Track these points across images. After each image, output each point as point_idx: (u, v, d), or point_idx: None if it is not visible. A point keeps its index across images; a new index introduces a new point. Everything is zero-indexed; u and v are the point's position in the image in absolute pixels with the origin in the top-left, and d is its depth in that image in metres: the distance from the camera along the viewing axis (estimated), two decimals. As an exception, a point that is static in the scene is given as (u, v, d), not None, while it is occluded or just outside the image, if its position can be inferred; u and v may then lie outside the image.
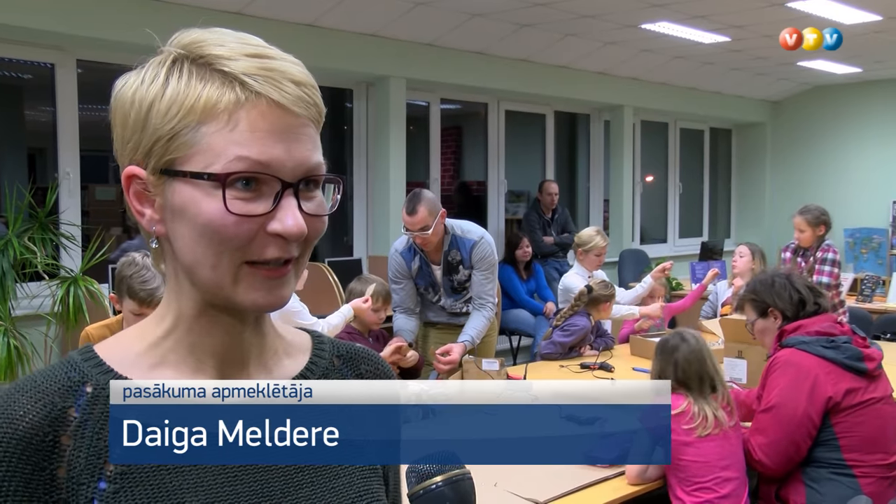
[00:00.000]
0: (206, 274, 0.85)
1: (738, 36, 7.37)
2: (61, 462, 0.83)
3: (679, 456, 2.69)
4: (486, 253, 4.17)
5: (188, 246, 0.84)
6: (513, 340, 7.55)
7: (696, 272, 7.89)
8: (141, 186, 0.86)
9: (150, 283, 2.96)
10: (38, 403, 0.84)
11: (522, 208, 8.54)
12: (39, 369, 0.89)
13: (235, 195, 0.82)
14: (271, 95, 0.82)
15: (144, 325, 0.94)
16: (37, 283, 4.87)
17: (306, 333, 1.03)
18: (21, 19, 4.76)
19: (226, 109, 0.82)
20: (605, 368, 4.40)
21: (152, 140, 0.84)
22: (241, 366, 0.93)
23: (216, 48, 0.85)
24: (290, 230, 0.83)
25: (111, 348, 0.92)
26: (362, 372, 1.03)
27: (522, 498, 2.55)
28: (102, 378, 0.87)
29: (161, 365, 0.90)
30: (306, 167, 0.85)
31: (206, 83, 0.83)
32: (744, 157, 11.11)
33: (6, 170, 5.58)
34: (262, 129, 0.82)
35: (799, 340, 2.89)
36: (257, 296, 0.85)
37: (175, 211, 0.84)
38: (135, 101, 0.85)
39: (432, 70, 6.94)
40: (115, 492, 0.84)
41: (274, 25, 5.63)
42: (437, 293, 4.29)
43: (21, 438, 0.82)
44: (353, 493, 0.94)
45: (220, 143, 0.82)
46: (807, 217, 5.46)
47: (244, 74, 0.83)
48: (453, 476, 0.89)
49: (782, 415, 2.79)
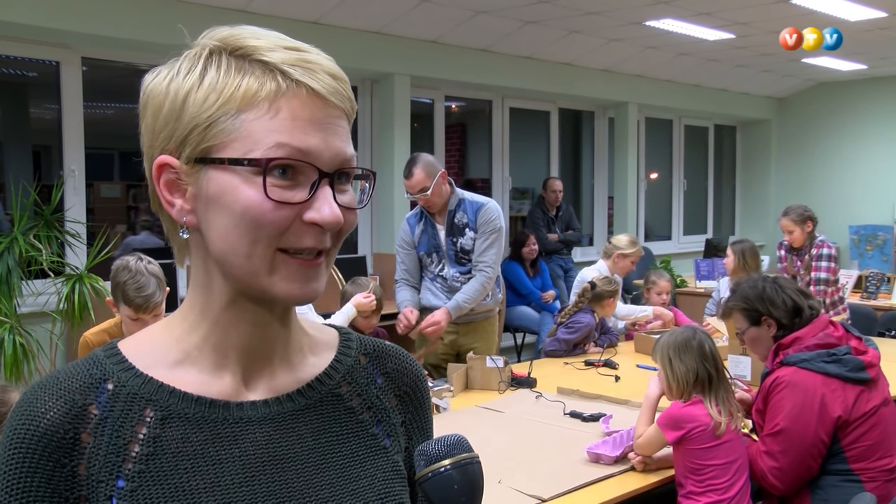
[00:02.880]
0: (240, 263, 0.84)
1: (742, 33, 7.36)
2: (81, 459, 0.83)
3: (702, 460, 2.68)
4: (491, 216, 4.17)
5: (222, 235, 0.84)
6: (517, 337, 7.56)
7: (700, 269, 7.90)
8: (173, 176, 0.85)
9: (146, 289, 2.93)
10: (60, 401, 0.84)
11: (527, 205, 8.54)
12: (65, 366, 0.90)
13: (273, 182, 0.82)
14: (311, 85, 0.83)
15: (170, 320, 0.93)
16: (42, 280, 4.89)
17: (334, 331, 1.02)
18: (26, 17, 4.77)
19: (266, 98, 0.82)
20: (609, 365, 4.40)
21: (189, 128, 0.83)
22: (265, 362, 0.92)
23: (253, 41, 0.85)
24: (326, 219, 0.83)
25: (136, 344, 0.92)
26: (388, 370, 1.02)
27: (526, 495, 2.55)
28: (124, 375, 0.87)
29: (184, 362, 0.90)
30: (342, 158, 0.85)
31: (245, 73, 0.83)
32: (748, 154, 11.09)
33: (11, 167, 5.59)
34: (301, 119, 0.83)
35: (800, 358, 2.82)
36: (293, 287, 0.85)
37: (210, 199, 0.84)
38: (170, 91, 0.84)
39: (436, 67, 6.94)
40: (133, 490, 0.83)
41: (278, 23, 5.63)
42: (440, 260, 4.23)
43: (42, 435, 0.83)
44: (372, 495, 0.93)
45: (260, 130, 0.82)
46: (791, 217, 5.44)
47: (284, 64, 0.83)
48: (462, 460, 0.88)
49: (793, 439, 2.74)
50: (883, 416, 2.81)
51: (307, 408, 0.93)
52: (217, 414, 0.88)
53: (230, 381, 0.90)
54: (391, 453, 0.97)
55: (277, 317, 0.91)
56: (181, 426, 0.86)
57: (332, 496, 0.90)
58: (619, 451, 2.88)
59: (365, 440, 0.96)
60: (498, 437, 3.14)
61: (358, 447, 0.95)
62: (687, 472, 2.71)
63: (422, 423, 1.04)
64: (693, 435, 2.69)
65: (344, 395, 0.96)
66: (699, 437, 2.68)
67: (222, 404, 0.89)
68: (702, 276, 7.88)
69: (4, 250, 4.61)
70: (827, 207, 8.88)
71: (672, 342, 2.87)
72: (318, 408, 0.94)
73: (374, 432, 0.97)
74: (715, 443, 2.68)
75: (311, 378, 0.95)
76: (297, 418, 0.92)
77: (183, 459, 0.85)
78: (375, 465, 0.95)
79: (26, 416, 0.84)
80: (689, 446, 2.70)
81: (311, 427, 0.92)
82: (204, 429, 0.87)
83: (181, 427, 0.86)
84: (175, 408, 0.87)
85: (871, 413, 2.78)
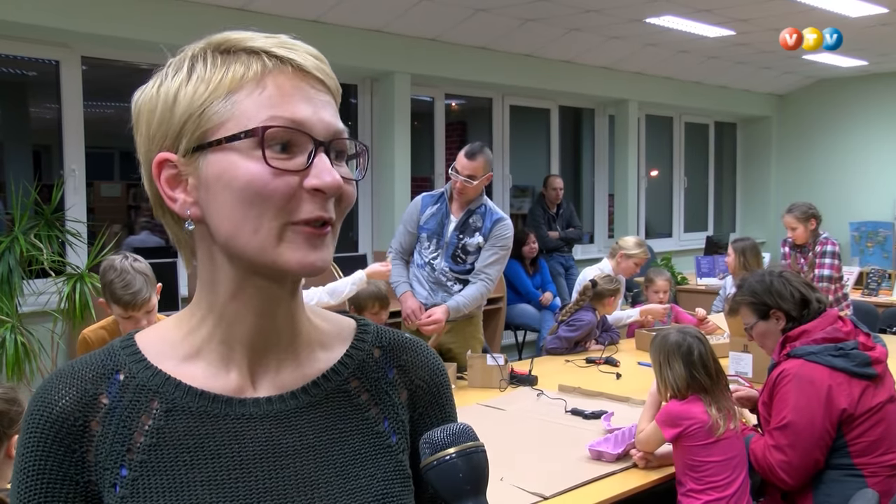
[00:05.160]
0: (247, 239, 0.84)
1: (742, 29, 7.35)
2: (90, 446, 0.87)
3: (700, 457, 2.68)
4: (505, 232, 4.19)
5: (227, 215, 0.85)
6: (518, 335, 7.56)
7: (701, 267, 7.90)
8: (173, 170, 0.87)
9: (131, 286, 2.94)
10: (72, 389, 0.88)
11: (527, 203, 8.54)
12: (83, 356, 0.93)
13: (272, 156, 0.83)
14: (296, 59, 0.86)
15: (182, 314, 0.95)
16: (43, 279, 4.89)
17: (353, 323, 1.02)
18: (26, 16, 4.77)
19: (254, 77, 0.85)
20: (610, 363, 4.40)
21: (183, 120, 0.85)
22: (271, 357, 0.93)
23: (235, 36, 0.88)
24: (328, 182, 0.84)
25: (151, 336, 0.94)
26: (402, 363, 1.01)
27: (528, 492, 2.55)
28: (135, 367, 0.90)
29: (194, 356, 0.92)
30: (334, 129, 0.87)
31: (231, 62, 0.86)
32: (749, 151, 11.08)
33: (12, 167, 5.59)
34: (289, 92, 0.85)
35: (807, 351, 2.82)
36: (301, 255, 0.85)
37: (211, 183, 0.85)
38: (160, 95, 0.87)
39: (437, 65, 6.94)
40: (134, 479, 0.86)
41: (278, 21, 5.63)
42: (437, 248, 4.23)
43: (55, 421, 0.87)
44: (369, 495, 0.93)
45: (252, 107, 0.84)
46: (795, 214, 5.45)
47: (266, 47, 0.86)
48: (467, 448, 0.88)
49: (800, 432, 2.73)
50: (888, 413, 2.81)
51: (311, 405, 0.93)
52: (220, 409, 0.89)
53: (236, 377, 0.91)
54: (396, 452, 0.96)
55: (283, 306, 0.91)
56: (184, 419, 0.88)
57: (328, 494, 0.91)
58: (620, 448, 2.88)
59: (370, 438, 0.95)
60: (499, 435, 3.14)
61: (361, 445, 0.94)
62: (686, 469, 2.71)
63: (438, 417, 1.01)
64: (690, 432, 2.68)
65: (352, 390, 0.96)
66: (696, 433, 2.68)
67: (225, 400, 0.90)
68: (703, 274, 7.88)
69: (5, 250, 4.61)
70: (827, 204, 8.86)
71: (661, 347, 2.86)
72: (322, 404, 0.93)
73: (379, 430, 0.96)
74: (712, 440, 2.67)
75: (318, 374, 0.95)
76: (300, 415, 0.92)
77: (183, 452, 0.87)
78: (377, 465, 0.94)
79: (42, 403, 0.88)
80: (686, 443, 2.70)
81: (314, 424, 0.92)
82: (206, 423, 0.89)
83: (184, 420, 0.88)
84: (180, 401, 0.89)
85: (877, 409, 2.78)
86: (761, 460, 2.79)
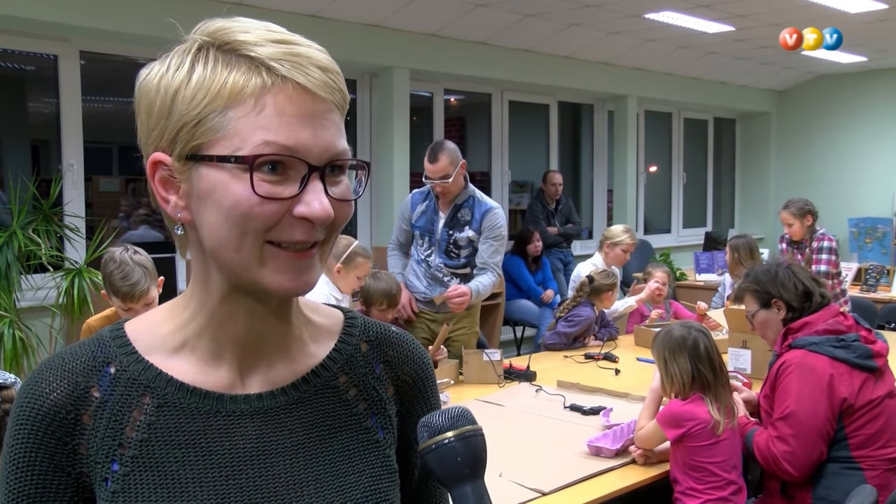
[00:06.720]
0: (231, 256, 0.84)
1: (742, 25, 7.34)
2: (82, 439, 0.87)
3: (702, 458, 2.68)
4: (496, 222, 4.19)
5: (213, 230, 0.84)
6: (517, 331, 7.56)
7: (699, 262, 7.90)
8: (166, 173, 0.86)
9: (130, 278, 2.97)
10: (63, 382, 0.88)
11: (526, 199, 8.53)
12: (71, 345, 0.92)
13: (262, 178, 0.81)
14: (297, 79, 0.82)
15: (174, 304, 0.94)
16: (41, 274, 4.88)
17: (341, 315, 1.01)
18: (24, 10, 4.76)
19: (252, 94, 0.81)
20: (609, 359, 4.40)
21: (178, 126, 0.83)
22: (262, 355, 0.93)
23: (241, 34, 0.84)
24: (316, 213, 0.82)
25: (141, 327, 0.93)
26: (389, 357, 1.01)
27: (527, 488, 2.55)
28: (126, 360, 0.89)
29: (183, 349, 0.91)
30: (332, 152, 0.84)
31: (232, 69, 0.82)
32: (748, 147, 11.08)
33: (10, 162, 5.58)
34: (288, 114, 0.82)
35: (809, 341, 2.83)
36: (284, 279, 0.84)
37: (201, 195, 0.84)
38: (160, 89, 0.85)
39: (436, 60, 6.93)
40: (125, 475, 0.86)
41: (277, 16, 5.60)
42: (431, 245, 4.25)
43: (45, 414, 0.86)
44: (358, 492, 0.93)
45: (247, 127, 0.81)
46: (791, 210, 5.46)
47: (270, 59, 0.82)
48: (465, 432, 0.88)
49: (804, 422, 2.74)
50: (887, 407, 2.82)
51: (301, 401, 0.93)
52: (210, 406, 0.89)
53: (226, 373, 0.91)
54: (383, 447, 0.97)
55: (273, 310, 0.91)
56: (175, 415, 0.88)
57: (317, 491, 0.91)
58: (619, 444, 2.88)
59: (358, 434, 0.95)
60: (498, 431, 3.14)
61: (349, 441, 0.94)
62: (686, 469, 2.70)
63: (424, 411, 1.01)
64: (693, 433, 2.68)
65: (340, 386, 0.96)
66: (699, 434, 2.68)
67: (216, 396, 0.90)
68: (701, 270, 7.87)
69: (3, 245, 4.60)
70: (826, 200, 8.87)
71: (666, 342, 2.85)
72: (312, 401, 0.93)
73: (367, 425, 0.96)
74: (714, 440, 2.67)
75: (308, 370, 0.95)
76: (290, 412, 0.92)
77: (175, 448, 0.87)
78: (365, 461, 0.95)
79: (32, 395, 0.87)
80: (688, 444, 2.69)
81: (304, 421, 0.92)
82: (197, 419, 0.88)
83: (175, 416, 0.88)
84: (171, 397, 0.88)
85: (877, 403, 2.79)
86: (765, 452, 2.79)
